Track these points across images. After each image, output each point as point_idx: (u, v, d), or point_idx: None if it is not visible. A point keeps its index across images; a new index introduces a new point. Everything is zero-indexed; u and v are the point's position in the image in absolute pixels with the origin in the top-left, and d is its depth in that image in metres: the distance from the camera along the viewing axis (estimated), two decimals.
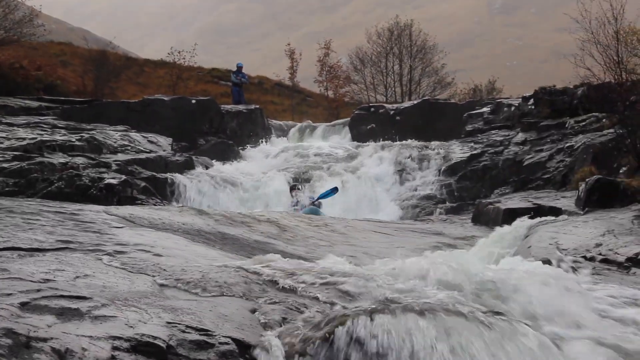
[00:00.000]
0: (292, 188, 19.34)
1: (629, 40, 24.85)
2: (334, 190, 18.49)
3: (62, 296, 4.93)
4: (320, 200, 18.82)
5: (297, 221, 15.51)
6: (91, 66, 36.21)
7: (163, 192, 19.95)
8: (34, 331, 3.89)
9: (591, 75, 25.76)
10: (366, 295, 6.28)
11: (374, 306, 5.62)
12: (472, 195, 22.15)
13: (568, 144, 23.29)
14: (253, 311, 5.46)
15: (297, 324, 5.20)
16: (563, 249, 10.89)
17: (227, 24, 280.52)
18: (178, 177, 21.02)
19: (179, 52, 45.65)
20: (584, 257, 10.44)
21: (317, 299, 6.13)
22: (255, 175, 23.73)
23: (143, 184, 19.86)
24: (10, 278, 5.60)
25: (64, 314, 4.47)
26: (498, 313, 5.86)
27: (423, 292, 6.82)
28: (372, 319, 5.23)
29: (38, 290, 5.00)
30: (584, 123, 24.60)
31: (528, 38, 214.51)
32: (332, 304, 6.01)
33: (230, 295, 5.86)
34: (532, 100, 28.44)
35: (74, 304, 4.70)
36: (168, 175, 21.05)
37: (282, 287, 6.58)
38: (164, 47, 49.91)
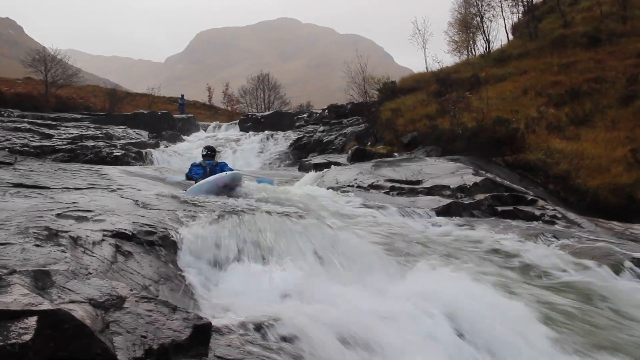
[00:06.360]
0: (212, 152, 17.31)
1: (370, 82, 25.79)
2: (271, 182, 15.16)
3: (79, 210, 4.66)
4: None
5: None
6: (108, 97, 35.09)
7: (144, 159, 19.24)
8: (61, 228, 3.67)
9: (353, 98, 26.59)
10: (242, 206, 6.22)
11: (243, 210, 5.58)
12: (298, 157, 22.03)
13: (344, 132, 23.62)
14: (177, 215, 5.29)
15: (200, 220, 5.09)
16: (339, 182, 11.09)
17: (178, 75, 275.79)
18: (151, 151, 20.29)
19: (153, 89, 44.54)
20: (349, 185, 10.68)
21: (213, 209, 6.01)
22: (190, 149, 22.98)
23: (134, 154, 19.10)
24: (55, 202, 5.30)
25: (79, 219, 4.23)
26: (304, 214, 5.93)
27: (266, 203, 6.86)
28: (239, 216, 5.19)
29: (68, 208, 4.72)
30: (351, 121, 24.99)
31: (326, 81, 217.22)
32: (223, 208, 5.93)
33: (167, 210, 5.66)
34: (327, 111, 28.74)
35: (84, 214, 4.45)
36: (146, 150, 20.25)
37: (194, 204, 6.43)
38: (145, 86, 48.10)
